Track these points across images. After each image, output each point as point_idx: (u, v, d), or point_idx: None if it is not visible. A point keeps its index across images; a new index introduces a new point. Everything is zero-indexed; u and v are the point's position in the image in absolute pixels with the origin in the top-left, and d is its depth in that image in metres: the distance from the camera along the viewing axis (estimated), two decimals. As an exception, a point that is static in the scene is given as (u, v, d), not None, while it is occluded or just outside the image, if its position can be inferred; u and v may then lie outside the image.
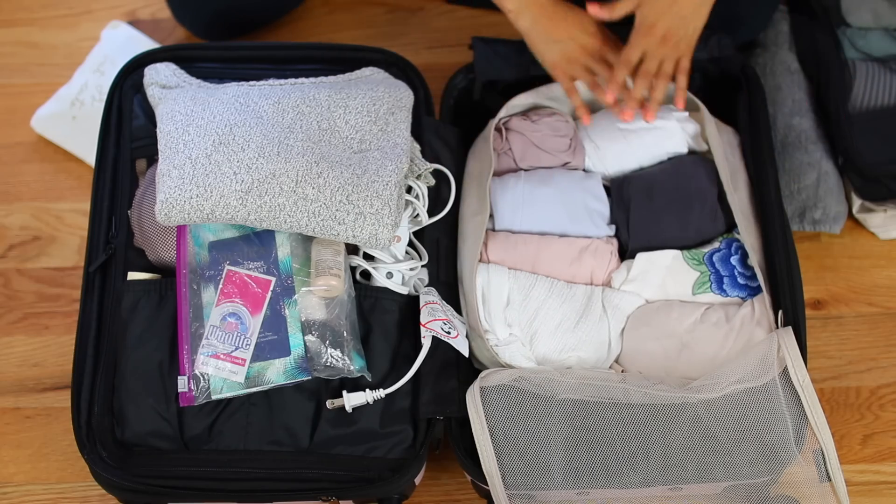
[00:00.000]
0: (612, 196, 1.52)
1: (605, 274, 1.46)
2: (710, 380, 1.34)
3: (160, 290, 1.41)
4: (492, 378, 1.37)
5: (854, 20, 1.66)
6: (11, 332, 1.62)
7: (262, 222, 1.39)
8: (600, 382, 1.35)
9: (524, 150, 1.54)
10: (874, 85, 1.61)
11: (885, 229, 1.64)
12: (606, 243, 1.47)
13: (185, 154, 1.40)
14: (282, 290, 1.39)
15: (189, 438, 1.37)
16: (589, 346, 1.42)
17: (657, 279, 1.45)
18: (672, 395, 1.34)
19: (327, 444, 1.37)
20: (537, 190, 1.49)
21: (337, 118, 1.47)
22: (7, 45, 1.88)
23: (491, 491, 1.34)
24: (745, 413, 1.33)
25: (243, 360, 1.36)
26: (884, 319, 1.59)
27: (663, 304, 1.44)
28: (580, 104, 1.52)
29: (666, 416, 1.33)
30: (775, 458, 1.32)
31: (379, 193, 1.39)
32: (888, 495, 1.47)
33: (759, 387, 1.33)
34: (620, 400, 1.34)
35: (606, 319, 1.43)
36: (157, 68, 1.53)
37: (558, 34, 1.50)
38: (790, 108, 1.66)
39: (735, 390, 1.33)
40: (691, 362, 1.41)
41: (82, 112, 1.76)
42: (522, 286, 1.43)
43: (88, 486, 1.49)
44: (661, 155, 1.54)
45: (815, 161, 1.63)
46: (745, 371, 1.34)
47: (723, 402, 1.33)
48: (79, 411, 1.38)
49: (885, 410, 1.53)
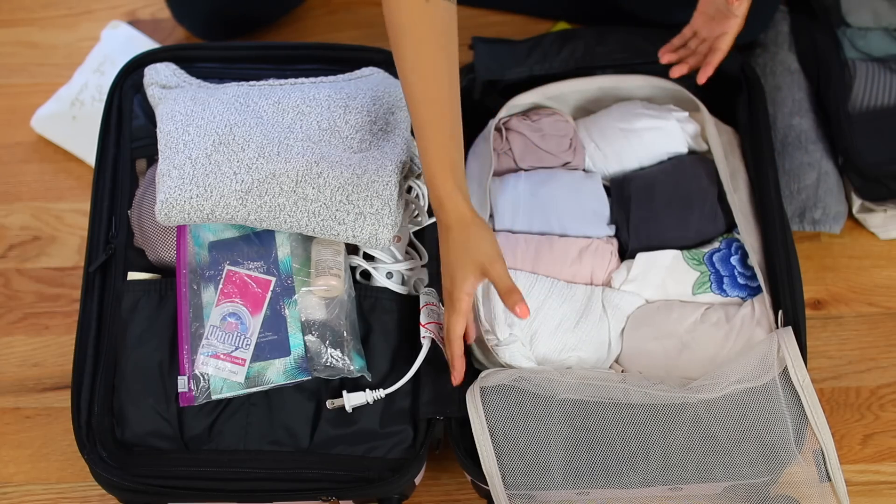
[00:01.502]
0: (612, 196, 1.52)
1: (605, 274, 1.46)
2: (710, 380, 1.34)
3: (160, 290, 1.41)
4: (492, 378, 1.37)
5: (854, 20, 1.66)
6: (11, 332, 1.62)
7: (262, 222, 1.39)
8: (600, 382, 1.35)
9: (524, 150, 1.54)
10: (874, 85, 1.61)
11: (885, 229, 1.64)
12: (606, 243, 1.47)
13: (185, 154, 1.40)
14: (282, 290, 1.39)
15: (189, 438, 1.36)
16: (589, 346, 1.42)
17: (657, 279, 1.45)
18: (672, 395, 1.34)
19: (327, 444, 1.37)
20: (537, 190, 1.49)
21: (337, 118, 1.47)
22: (7, 45, 1.88)
23: (491, 491, 1.34)
24: (746, 413, 1.33)
25: (243, 360, 1.36)
26: (884, 319, 1.59)
27: (663, 304, 1.44)
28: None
29: (666, 416, 1.33)
30: (775, 458, 1.32)
31: (379, 193, 1.39)
32: (888, 495, 1.47)
33: (759, 387, 1.33)
34: (620, 400, 1.34)
35: (606, 319, 1.43)
36: (157, 68, 1.53)
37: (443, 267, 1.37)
38: (790, 108, 1.66)
39: (735, 390, 1.33)
40: (691, 362, 1.41)
41: (82, 112, 1.76)
42: (522, 286, 1.43)
43: (88, 486, 1.49)
44: (661, 155, 1.54)
45: (815, 161, 1.63)
46: (745, 371, 1.34)
47: (723, 402, 1.33)
48: (79, 411, 1.38)
49: (885, 410, 1.53)
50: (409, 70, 1.32)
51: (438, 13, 1.32)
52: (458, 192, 1.32)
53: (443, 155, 1.32)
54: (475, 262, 1.31)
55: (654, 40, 1.60)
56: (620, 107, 1.57)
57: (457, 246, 1.32)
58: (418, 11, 1.31)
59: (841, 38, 1.66)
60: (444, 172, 1.31)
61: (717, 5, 1.50)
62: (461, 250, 1.32)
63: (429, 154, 1.32)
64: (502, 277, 1.31)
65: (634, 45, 1.61)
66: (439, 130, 1.32)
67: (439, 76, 1.33)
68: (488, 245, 1.32)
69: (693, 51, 1.55)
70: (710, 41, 1.52)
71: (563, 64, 1.60)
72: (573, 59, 1.60)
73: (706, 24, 1.53)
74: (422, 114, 1.32)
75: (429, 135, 1.32)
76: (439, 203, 1.32)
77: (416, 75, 1.32)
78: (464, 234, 1.32)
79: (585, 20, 1.79)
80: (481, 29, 1.81)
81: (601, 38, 1.62)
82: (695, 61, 1.54)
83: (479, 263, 1.31)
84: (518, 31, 1.82)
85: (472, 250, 1.31)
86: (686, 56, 1.55)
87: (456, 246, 1.32)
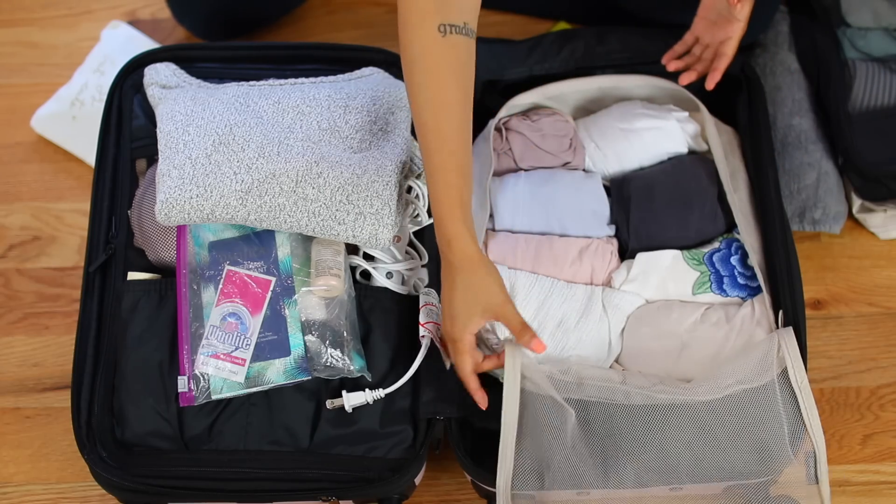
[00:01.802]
0: (612, 196, 1.52)
1: (605, 274, 1.46)
2: (710, 380, 1.34)
3: (160, 290, 1.41)
4: (532, 369, 1.34)
5: (854, 20, 1.66)
6: (11, 332, 1.62)
7: (262, 222, 1.39)
8: (602, 383, 1.35)
9: (524, 150, 1.54)
10: (874, 85, 1.61)
11: (885, 229, 1.64)
12: (606, 243, 1.47)
13: (185, 154, 1.41)
14: (282, 290, 1.39)
15: (189, 438, 1.36)
16: (589, 345, 1.42)
17: (657, 279, 1.45)
18: (672, 396, 1.34)
19: (327, 444, 1.37)
20: (537, 190, 1.49)
21: (337, 118, 1.47)
22: (7, 45, 1.88)
23: (499, 466, 1.32)
24: (744, 413, 1.33)
25: (243, 360, 1.36)
26: (884, 319, 1.59)
27: (663, 304, 1.44)
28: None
29: (665, 416, 1.33)
30: (771, 458, 1.32)
31: (379, 193, 1.39)
32: (888, 495, 1.47)
33: (758, 387, 1.33)
34: (621, 402, 1.34)
35: (607, 319, 1.43)
36: (157, 68, 1.53)
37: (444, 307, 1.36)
38: (790, 108, 1.66)
39: (735, 391, 1.33)
40: (691, 362, 1.41)
41: (82, 112, 1.76)
42: (523, 285, 1.43)
43: (88, 486, 1.49)
44: (661, 155, 1.54)
45: (815, 161, 1.63)
46: (744, 372, 1.34)
47: (722, 403, 1.33)
48: (79, 411, 1.38)
49: (885, 410, 1.53)
50: (422, 105, 1.30)
51: (455, 48, 1.30)
52: (467, 233, 1.30)
53: (453, 194, 1.30)
54: (483, 305, 1.30)
55: (654, 40, 1.60)
56: (620, 107, 1.57)
57: (465, 288, 1.30)
58: (433, 45, 1.29)
59: (841, 38, 1.65)
60: (454, 212, 1.30)
61: (718, 10, 1.50)
62: (469, 293, 1.30)
63: (438, 192, 1.30)
64: (513, 318, 1.31)
65: (634, 45, 1.61)
66: (450, 169, 1.30)
67: (452, 113, 1.30)
68: (498, 287, 1.31)
69: (699, 57, 1.54)
70: (715, 46, 1.52)
71: (563, 64, 1.60)
72: (573, 59, 1.60)
73: (708, 30, 1.53)
74: (432, 153, 1.30)
75: (439, 174, 1.30)
76: (447, 243, 1.30)
77: (429, 112, 1.29)
78: (472, 277, 1.30)
79: (585, 20, 1.79)
80: (481, 29, 1.79)
81: (601, 38, 1.62)
82: (702, 67, 1.54)
83: (488, 306, 1.31)
84: (518, 31, 1.82)
85: (481, 293, 1.31)
86: (692, 62, 1.55)
87: (464, 288, 1.30)
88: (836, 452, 1.49)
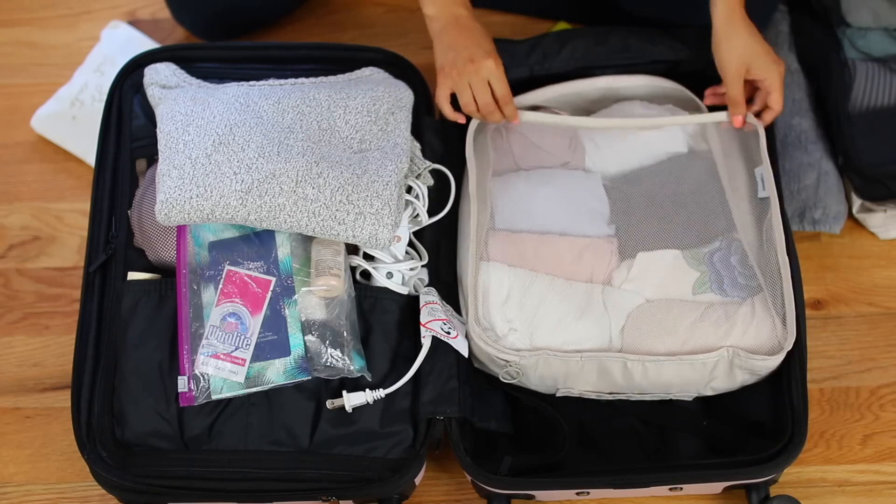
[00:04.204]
0: (611, 196, 1.52)
1: (605, 273, 1.46)
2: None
3: (160, 290, 1.41)
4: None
5: (854, 20, 1.66)
6: (11, 332, 1.62)
7: (262, 222, 1.39)
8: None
9: (524, 150, 1.54)
10: (874, 85, 1.61)
11: (885, 229, 1.64)
12: (606, 243, 1.47)
13: (185, 154, 1.40)
14: (282, 290, 1.39)
15: (189, 438, 1.37)
16: (589, 343, 1.42)
17: (657, 279, 1.45)
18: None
19: (327, 444, 1.37)
20: (537, 189, 1.49)
21: (337, 118, 1.47)
22: (7, 45, 1.88)
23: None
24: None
25: (243, 360, 1.36)
26: (884, 319, 1.59)
27: (663, 303, 1.44)
28: (450, 113, 1.52)
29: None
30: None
31: (379, 193, 1.39)
32: (888, 495, 1.47)
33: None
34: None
35: (607, 317, 1.43)
36: (157, 68, 1.53)
37: (457, 44, 1.50)
38: (790, 108, 1.66)
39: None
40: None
41: (82, 112, 1.76)
42: (523, 283, 1.43)
43: (88, 486, 1.49)
44: (661, 155, 1.54)
45: (815, 161, 1.63)
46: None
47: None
48: (79, 411, 1.38)
49: (885, 410, 1.53)
50: None
51: None
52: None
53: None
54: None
55: (654, 40, 1.60)
56: (620, 107, 1.57)
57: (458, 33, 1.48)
58: None
59: (841, 38, 1.66)
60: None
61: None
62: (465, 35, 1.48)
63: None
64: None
65: (634, 45, 1.61)
66: None
67: None
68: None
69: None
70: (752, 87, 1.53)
71: (563, 64, 1.60)
72: (573, 59, 1.60)
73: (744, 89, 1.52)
74: None
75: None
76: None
77: None
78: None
79: (585, 20, 1.79)
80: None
81: (601, 38, 1.62)
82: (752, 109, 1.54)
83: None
84: (518, 31, 1.82)
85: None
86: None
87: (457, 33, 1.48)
88: (836, 452, 1.49)
